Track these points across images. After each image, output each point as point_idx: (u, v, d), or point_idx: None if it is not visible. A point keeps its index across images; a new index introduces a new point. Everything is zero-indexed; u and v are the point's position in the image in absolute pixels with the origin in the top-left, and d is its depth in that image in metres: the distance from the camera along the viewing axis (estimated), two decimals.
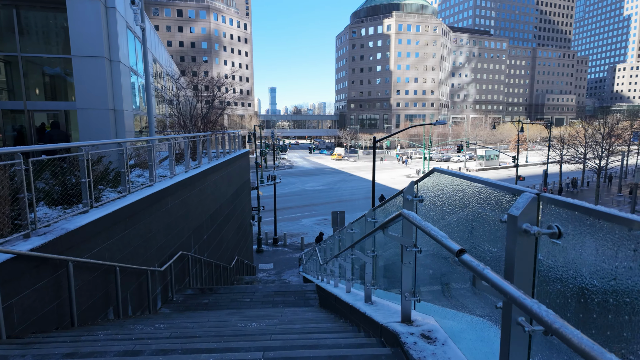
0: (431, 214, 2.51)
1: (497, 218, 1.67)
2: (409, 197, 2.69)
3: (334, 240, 6.84)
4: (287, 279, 14.86)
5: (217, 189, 12.53)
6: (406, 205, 2.70)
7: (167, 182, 8.39)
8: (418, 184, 2.71)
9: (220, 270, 12.33)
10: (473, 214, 1.91)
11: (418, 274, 2.77)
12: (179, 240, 8.73)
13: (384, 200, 16.70)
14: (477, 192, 1.86)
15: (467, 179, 1.91)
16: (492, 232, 1.74)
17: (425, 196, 2.61)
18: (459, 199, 2.05)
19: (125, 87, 12.48)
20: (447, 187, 2.22)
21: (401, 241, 2.63)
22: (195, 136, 11.48)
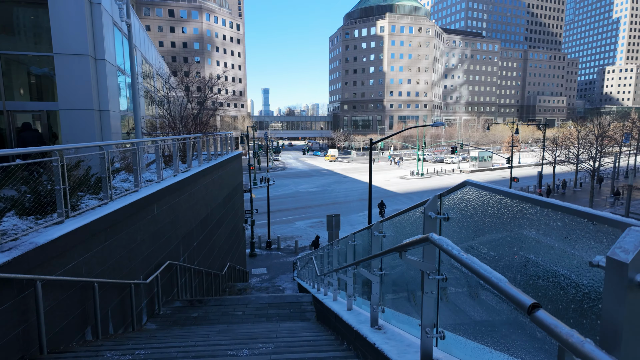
0: (458, 237, 2.10)
1: (569, 253, 1.26)
2: (432, 215, 2.27)
3: (333, 250, 6.40)
4: (281, 286, 14.38)
5: (208, 193, 12.02)
6: (428, 224, 2.28)
7: (153, 187, 7.88)
8: (442, 198, 2.30)
9: (212, 278, 11.81)
10: (527, 244, 1.51)
11: (440, 304, 2.35)
12: (166, 249, 8.21)
13: (383, 206, 16.41)
14: (535, 216, 1.45)
15: (525, 199, 1.49)
16: (564, 274, 1.33)
17: (450, 213, 2.20)
18: (503, 221, 1.64)
19: (111, 87, 11.92)
20: (482, 205, 1.81)
21: (422, 267, 2.21)
22: (185, 138, 10.97)
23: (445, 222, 2.24)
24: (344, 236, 19.57)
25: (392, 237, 3.43)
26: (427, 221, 2.29)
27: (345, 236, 5.41)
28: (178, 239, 9.05)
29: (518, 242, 1.55)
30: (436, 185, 49.23)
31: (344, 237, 5.43)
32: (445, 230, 2.25)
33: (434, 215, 2.26)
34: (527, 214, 1.48)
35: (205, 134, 12.99)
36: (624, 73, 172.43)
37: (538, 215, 1.44)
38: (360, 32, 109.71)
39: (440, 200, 2.31)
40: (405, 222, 3.06)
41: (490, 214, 1.72)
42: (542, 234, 1.42)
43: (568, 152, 40.63)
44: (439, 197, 2.31)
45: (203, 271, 10.83)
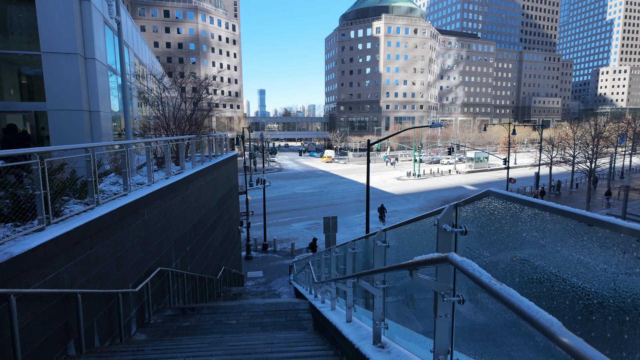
0: (477, 255, 1.83)
1: None
2: (447, 228, 1.99)
3: (330, 257, 6.13)
4: (278, 290, 14.08)
5: (202, 196, 11.71)
6: (442, 239, 2.01)
7: (144, 191, 7.57)
8: (458, 208, 2.03)
9: (205, 283, 11.49)
10: (571, 268, 1.25)
11: (456, 327, 2.08)
12: (157, 255, 7.90)
13: (383, 210, 16.06)
14: (581, 233, 1.19)
15: (570, 215, 1.23)
16: None
17: (468, 226, 1.93)
18: (537, 241, 1.38)
19: (102, 87, 11.59)
20: (509, 219, 1.55)
21: (435, 287, 1.95)
22: (178, 139, 10.65)
23: (462, 236, 1.97)
24: (342, 242, 19.29)
25: (396, 247, 3.16)
26: (441, 235, 2.02)
27: (344, 243, 5.14)
28: (170, 244, 8.74)
29: (563, 267, 1.28)
30: (433, 187, 49.12)
31: (343, 244, 5.16)
32: (462, 245, 1.98)
33: (450, 228, 1.99)
34: (573, 232, 1.22)
35: (199, 135, 12.68)
36: (617, 74, 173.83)
37: (589, 236, 1.18)
38: (356, 33, 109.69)
39: (456, 210, 2.04)
40: (412, 232, 2.79)
41: (520, 230, 1.46)
42: (598, 260, 1.16)
43: (564, 153, 40.69)
44: (455, 208, 2.04)
45: (196, 276, 10.52)
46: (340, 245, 5.37)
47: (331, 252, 6.10)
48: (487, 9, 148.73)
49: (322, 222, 28.49)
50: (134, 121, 16.57)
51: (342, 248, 5.22)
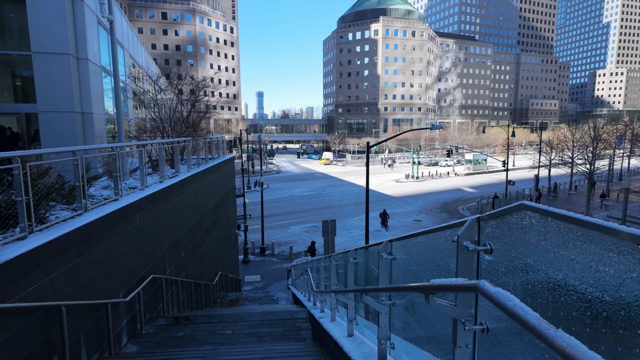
0: (504, 279, 1.55)
1: None
2: (469, 245, 1.72)
3: (330, 265, 5.86)
4: (275, 295, 13.78)
5: (198, 200, 11.43)
6: (463, 257, 1.75)
7: (136, 195, 7.29)
8: (482, 223, 1.76)
9: (201, 289, 11.19)
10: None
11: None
12: (150, 262, 7.61)
13: (386, 216, 15.71)
14: None
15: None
16: None
17: (494, 244, 1.66)
18: (589, 264, 1.12)
19: (95, 88, 11.31)
20: (548, 238, 1.30)
21: (454, 314, 1.68)
22: (173, 142, 10.38)
23: (487, 255, 1.70)
24: (342, 245, 19.05)
25: (404, 260, 2.89)
26: (461, 253, 1.75)
27: (345, 251, 4.88)
28: (164, 250, 8.46)
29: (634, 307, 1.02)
30: (432, 189, 48.94)
31: (344, 252, 4.90)
32: (486, 266, 1.71)
33: (472, 246, 1.72)
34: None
35: (195, 138, 12.40)
36: (614, 77, 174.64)
37: None
38: (354, 35, 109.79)
39: (479, 225, 1.77)
40: (424, 246, 2.52)
41: (565, 256, 1.19)
42: None
43: (562, 155, 40.59)
44: (478, 222, 1.77)
45: (192, 283, 10.22)
46: (341, 253, 5.11)
47: (331, 260, 5.83)
48: (485, 11, 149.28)
49: (321, 225, 28.20)
50: (129, 123, 16.28)
51: (343, 257, 4.95)
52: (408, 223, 32.32)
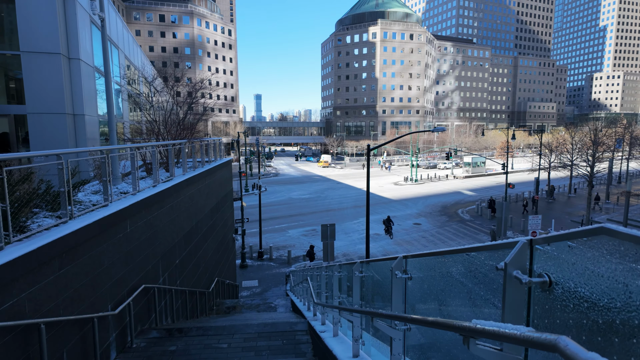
0: (571, 323, 1.19)
1: None
2: (522, 277, 1.34)
3: (333, 276, 5.50)
4: (273, 302, 13.40)
5: (194, 204, 11.06)
6: (512, 292, 1.39)
7: (127, 201, 6.92)
8: (535, 247, 1.39)
9: (196, 297, 10.81)
10: None
11: None
12: (142, 271, 7.23)
13: (390, 222, 15.25)
14: None
15: None
16: None
17: (553, 273, 1.30)
18: None
19: (87, 89, 10.95)
20: (634, 274, 0.96)
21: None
22: (167, 144, 10.02)
23: (543, 289, 1.34)
24: (342, 254, 18.56)
25: (421, 279, 2.54)
26: (510, 286, 1.37)
27: (350, 262, 4.53)
28: (156, 257, 8.08)
29: None
30: (431, 192, 48.68)
31: (349, 264, 4.55)
32: (542, 303, 1.34)
33: (526, 278, 1.35)
34: None
35: (191, 140, 12.05)
36: (611, 80, 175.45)
37: None
38: (352, 38, 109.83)
39: (531, 249, 1.41)
40: (449, 266, 2.15)
41: None
42: None
43: (562, 158, 40.41)
44: (530, 245, 1.42)
45: (186, 291, 9.84)
46: (345, 264, 4.77)
47: (333, 270, 5.47)
48: (482, 14, 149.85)
49: (319, 229, 27.81)
50: (123, 125, 15.91)
51: (347, 268, 4.61)
52: (407, 226, 32.00)
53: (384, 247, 26.65)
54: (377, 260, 3.63)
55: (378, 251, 25.71)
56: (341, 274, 5.09)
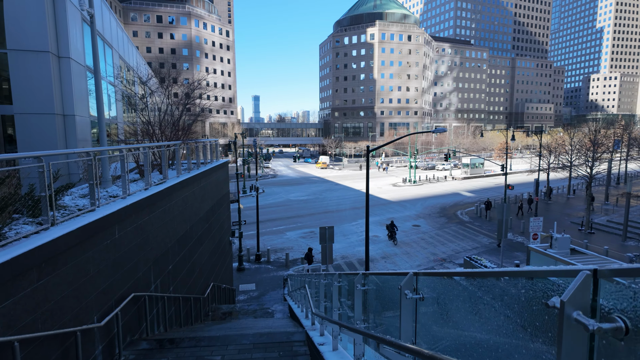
0: None
1: None
2: (589, 323, 0.95)
3: (332, 285, 5.17)
4: (270, 308, 13.06)
5: (188, 207, 10.73)
6: (572, 336, 1.06)
7: (116, 205, 6.59)
8: (601, 282, 1.07)
9: (191, 304, 10.46)
10: None
11: None
12: (131, 279, 6.90)
13: (394, 227, 14.79)
14: None
15: None
16: None
17: (630, 319, 0.98)
18: None
19: (78, 89, 10.61)
20: None
21: None
22: (160, 145, 9.68)
23: (617, 338, 1.01)
24: (341, 252, 18.06)
25: (433, 300, 2.20)
26: (568, 330, 1.05)
27: (353, 273, 4.20)
28: (148, 264, 7.74)
29: None
30: (429, 193, 48.44)
31: (350, 275, 4.23)
32: (610, 356, 1.02)
33: (593, 323, 1.01)
34: None
35: (185, 141, 11.71)
36: (608, 81, 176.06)
37: None
38: (350, 39, 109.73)
39: (595, 283, 1.09)
40: (474, 290, 1.79)
41: None
42: None
43: (561, 159, 40.24)
44: (594, 276, 1.09)
45: (180, 298, 9.49)
46: (346, 274, 4.45)
47: (333, 280, 5.14)
48: (480, 16, 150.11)
49: (318, 231, 27.47)
50: (117, 127, 15.56)
51: (348, 280, 4.29)
52: (407, 228, 31.71)
53: (382, 250, 26.34)
54: (381, 274, 3.30)
55: (377, 254, 25.41)
56: (341, 283, 4.75)
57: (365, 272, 3.69)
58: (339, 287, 4.85)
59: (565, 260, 14.51)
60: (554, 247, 15.70)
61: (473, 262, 21.35)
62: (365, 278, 3.62)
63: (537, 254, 15.90)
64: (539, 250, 15.77)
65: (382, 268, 22.89)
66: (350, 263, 24.01)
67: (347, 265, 23.54)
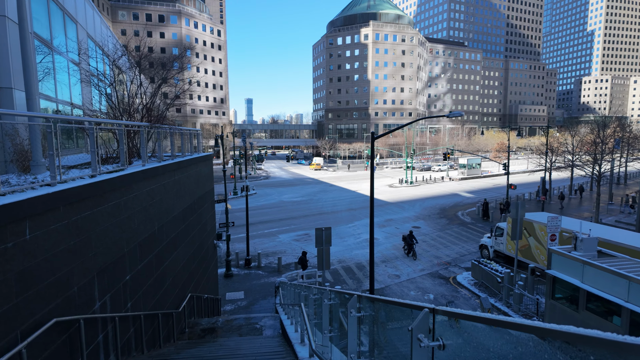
0: None
1: None
2: None
3: (332, 306, 3.38)
4: (259, 323, 11.08)
5: (156, 203, 8.76)
6: None
7: (30, 194, 4.63)
8: None
9: (159, 322, 8.46)
10: None
11: None
12: (55, 297, 4.92)
13: (412, 239, 12.42)
14: None
15: None
16: None
17: None
18: None
19: (16, 57, 8.60)
20: None
21: None
22: (119, 125, 7.72)
23: None
24: (338, 260, 15.75)
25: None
26: None
27: (359, 294, 2.44)
28: (89, 274, 5.76)
29: None
30: (427, 194, 46.81)
31: (348, 296, 2.44)
32: None
33: None
34: None
35: (153, 125, 9.73)
36: (599, 83, 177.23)
37: None
38: (344, 39, 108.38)
39: None
40: None
41: None
42: None
43: (564, 157, 38.96)
44: None
45: (141, 316, 7.50)
46: (352, 295, 2.64)
47: (333, 299, 3.31)
48: (473, 18, 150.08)
49: (312, 234, 25.51)
50: (82, 112, 13.51)
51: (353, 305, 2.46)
52: (406, 229, 29.91)
53: (382, 253, 24.49)
54: (397, 303, 1.55)
55: (377, 257, 23.52)
56: (363, 313, 2.91)
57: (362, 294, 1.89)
58: (359, 318, 2.99)
59: (595, 264, 12.77)
60: (579, 249, 13.96)
61: (482, 266, 19.59)
62: (372, 303, 1.80)
63: (560, 257, 14.15)
64: (563, 253, 14.02)
65: (382, 273, 21.03)
66: (348, 268, 22.12)
67: (345, 271, 21.64)
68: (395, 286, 19.36)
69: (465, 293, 18.55)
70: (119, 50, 15.88)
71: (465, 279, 19.90)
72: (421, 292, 18.63)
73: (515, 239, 16.73)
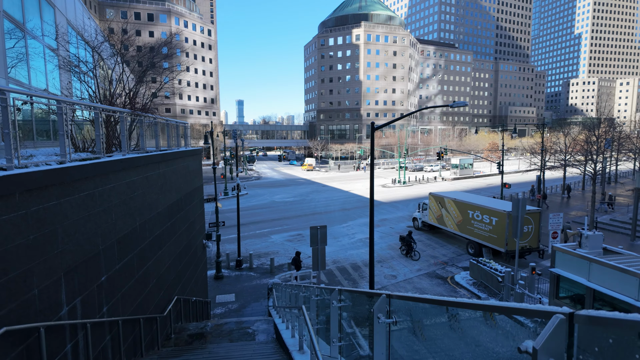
0: None
1: None
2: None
3: (340, 309, 2.71)
4: (251, 327, 10.32)
5: (137, 197, 7.96)
6: None
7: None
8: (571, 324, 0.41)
9: (140, 328, 7.64)
10: None
11: None
12: (8, 301, 4.12)
13: (411, 240, 11.68)
14: None
15: None
16: None
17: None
18: None
19: None
20: None
21: None
22: (95, 107, 6.92)
23: None
24: (331, 261, 14.70)
25: None
26: None
27: (388, 293, 1.84)
28: (54, 274, 4.96)
29: None
30: (420, 194, 46.40)
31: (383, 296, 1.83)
32: None
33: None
34: None
35: (135, 112, 8.91)
36: (586, 85, 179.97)
37: None
38: (335, 40, 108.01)
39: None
40: None
41: None
42: None
43: (556, 156, 38.92)
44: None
45: (119, 322, 6.69)
46: (365, 293, 2.02)
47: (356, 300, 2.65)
48: (463, 19, 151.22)
49: (306, 233, 24.76)
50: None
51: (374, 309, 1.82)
52: (401, 229, 29.39)
53: (378, 253, 23.86)
54: None
55: None
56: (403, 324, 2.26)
57: None
58: (389, 326, 2.31)
59: (603, 261, 12.28)
60: (584, 247, 13.49)
61: (481, 265, 19.07)
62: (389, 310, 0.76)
63: (564, 255, 13.67)
64: (567, 251, 13.55)
65: (379, 273, 20.40)
66: (342, 268, 21.44)
67: (340, 271, 20.95)
68: (392, 287, 18.73)
69: (464, 293, 18.00)
70: (100, 35, 15.02)
71: (464, 279, 19.37)
72: (418, 292, 18.01)
73: (515, 237, 16.24)
